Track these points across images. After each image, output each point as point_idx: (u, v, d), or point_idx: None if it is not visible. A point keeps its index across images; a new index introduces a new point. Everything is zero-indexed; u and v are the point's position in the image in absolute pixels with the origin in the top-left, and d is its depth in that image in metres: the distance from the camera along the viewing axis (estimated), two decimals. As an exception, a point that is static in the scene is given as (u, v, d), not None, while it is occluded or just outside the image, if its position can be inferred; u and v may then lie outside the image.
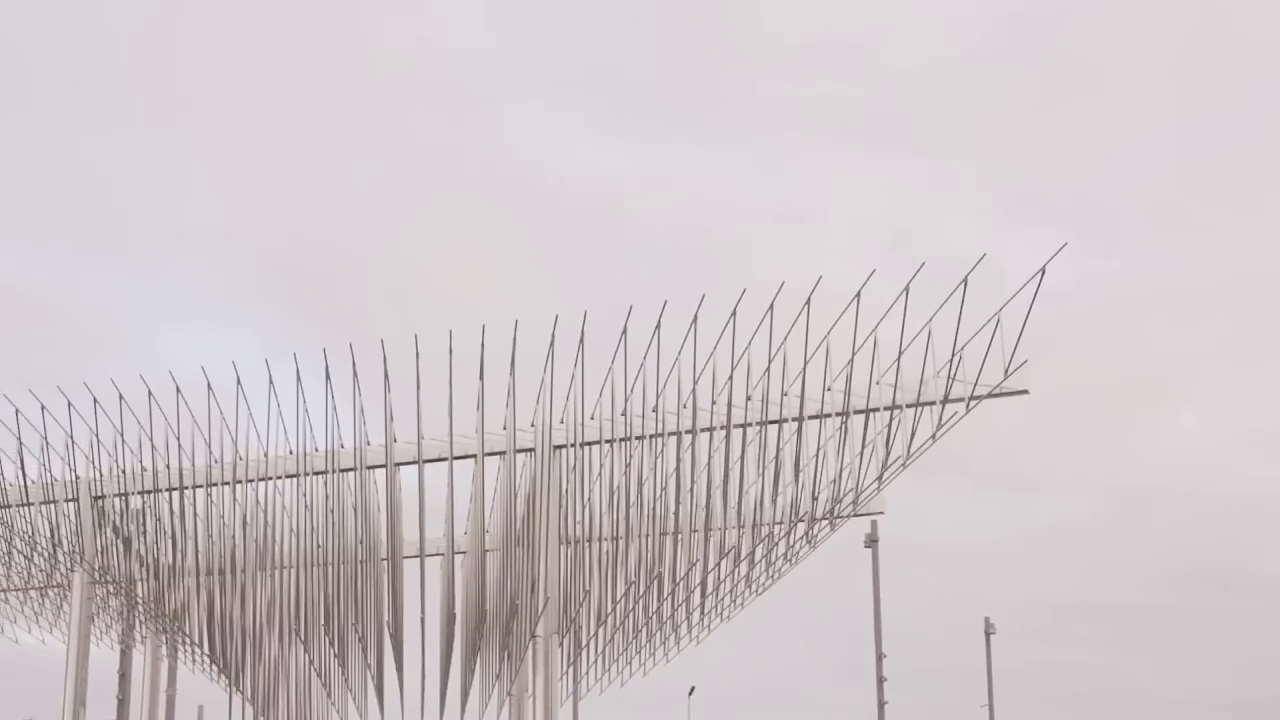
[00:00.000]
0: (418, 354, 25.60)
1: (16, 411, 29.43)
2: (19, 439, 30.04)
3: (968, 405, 23.86)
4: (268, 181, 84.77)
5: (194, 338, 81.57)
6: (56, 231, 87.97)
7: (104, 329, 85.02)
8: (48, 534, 32.81)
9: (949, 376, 23.57)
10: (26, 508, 32.38)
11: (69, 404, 29.09)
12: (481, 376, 25.90)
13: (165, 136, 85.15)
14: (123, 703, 41.32)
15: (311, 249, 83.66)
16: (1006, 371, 22.90)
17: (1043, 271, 21.33)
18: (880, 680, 42.54)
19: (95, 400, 28.80)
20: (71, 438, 29.96)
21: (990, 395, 23.73)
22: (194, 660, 38.37)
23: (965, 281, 21.97)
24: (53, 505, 32.22)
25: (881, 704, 42.38)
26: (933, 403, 24.14)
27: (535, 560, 27.64)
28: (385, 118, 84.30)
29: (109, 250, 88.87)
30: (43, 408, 29.13)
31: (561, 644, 29.05)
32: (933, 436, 24.40)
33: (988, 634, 51.83)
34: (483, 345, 25.38)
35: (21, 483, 31.52)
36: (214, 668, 35.05)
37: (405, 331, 25.56)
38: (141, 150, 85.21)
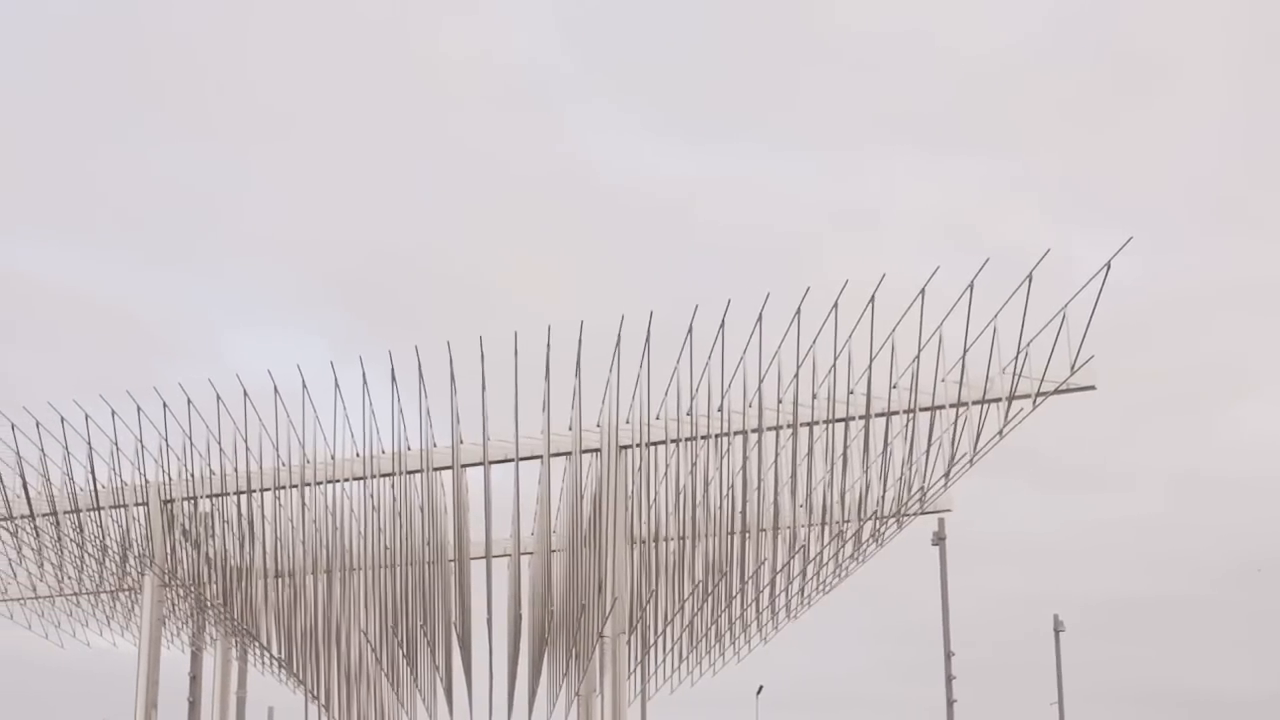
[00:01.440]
0: (483, 355, 25.64)
1: (86, 417, 29.59)
2: (89, 444, 30.21)
3: (1034, 401, 23.72)
4: (333, 188, 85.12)
5: (261, 342, 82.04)
6: (125, 240, 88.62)
7: (172, 335, 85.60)
8: (118, 538, 32.99)
9: (1015, 373, 23.44)
10: (97, 512, 32.56)
11: (138, 409, 29.26)
12: (547, 377, 25.91)
13: (231, 145, 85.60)
14: (194, 705, 41.53)
15: (377, 254, 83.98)
16: (1072, 367, 22.76)
17: (1108, 266, 21.19)
18: (949, 678, 42.27)
19: (164, 405, 28.97)
20: (141, 442, 30.14)
21: (1056, 391, 23.60)
22: (264, 662, 38.57)
23: (1030, 277, 21.84)
24: (123, 509, 32.39)
25: (950, 702, 42.12)
26: (999, 399, 24.02)
27: (602, 560, 27.65)
28: (448, 122, 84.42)
29: (177, 257, 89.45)
30: (113, 413, 29.31)
31: (629, 644, 29.05)
32: (999, 433, 24.27)
33: (1057, 631, 51.44)
34: (548, 346, 25.40)
35: (92, 487, 31.71)
36: (283, 670, 35.20)
37: (471, 334, 25.60)
38: (208, 159, 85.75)
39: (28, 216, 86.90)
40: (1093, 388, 23.81)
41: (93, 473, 31.16)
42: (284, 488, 30.21)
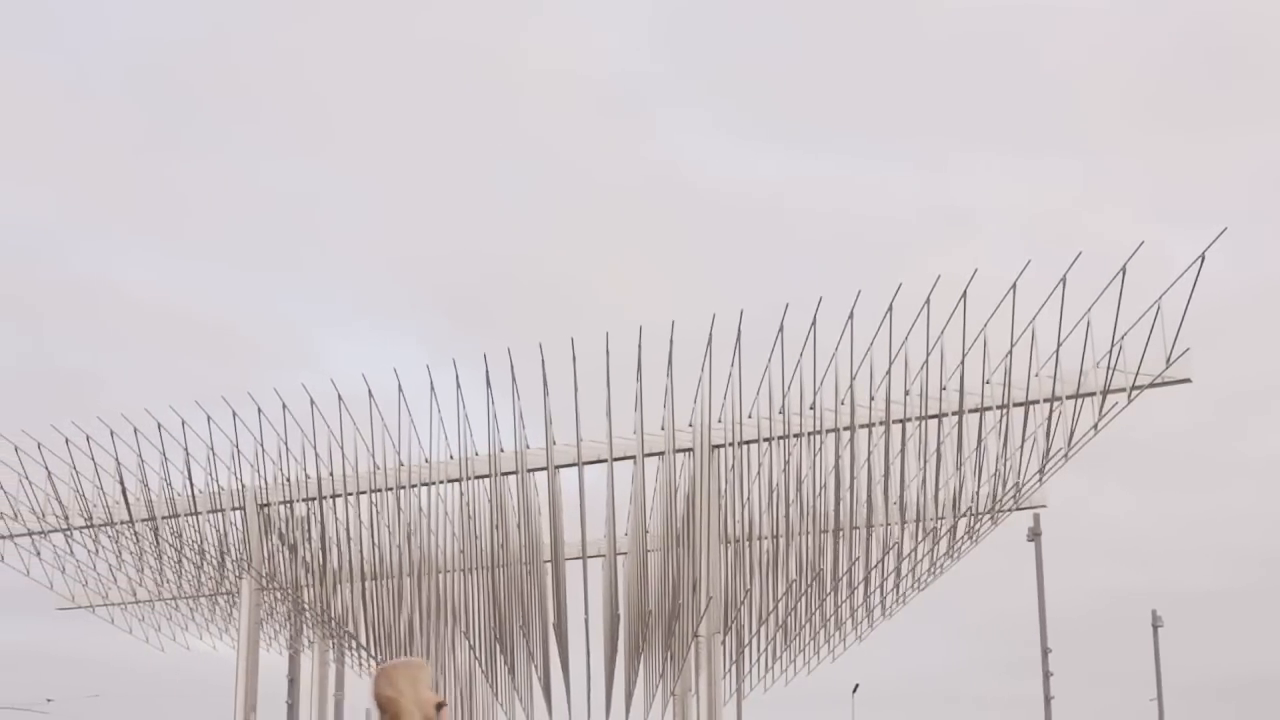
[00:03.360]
0: (574, 357, 25.73)
1: (183, 423, 29.89)
2: (186, 450, 30.53)
3: (1129, 395, 23.58)
4: (426, 196, 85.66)
5: (356, 348, 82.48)
6: (222, 250, 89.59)
7: (268, 342, 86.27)
8: (216, 542, 33.29)
9: (1109, 367, 23.29)
10: (195, 517, 32.87)
11: (234, 415, 29.54)
12: (639, 378, 25.96)
13: (326, 156, 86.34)
14: (292, 707, 41.85)
15: (470, 258, 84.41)
16: (1168, 360, 22.62)
17: (1202, 258, 21.05)
18: (1046, 675, 42.06)
19: (259, 410, 29.23)
20: (237, 447, 30.42)
21: (1152, 385, 23.45)
22: (361, 664, 38.82)
23: (1124, 269, 21.72)
24: (220, 514, 32.68)
25: (1048, 699, 41.91)
26: (1093, 393, 23.88)
27: (696, 560, 27.66)
28: (540, 127, 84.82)
29: (273, 266, 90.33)
30: (208, 418, 29.60)
31: (724, 643, 29.06)
32: (1094, 427, 24.13)
33: (1155, 626, 51.09)
34: (639, 346, 25.44)
35: (189, 492, 32.01)
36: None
37: (563, 337, 25.68)
38: (304, 170, 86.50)
39: (127, 228, 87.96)
40: (1188, 380, 23.65)
41: (190, 478, 31.49)
42: (379, 491, 30.40)
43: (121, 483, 31.45)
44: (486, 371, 26.92)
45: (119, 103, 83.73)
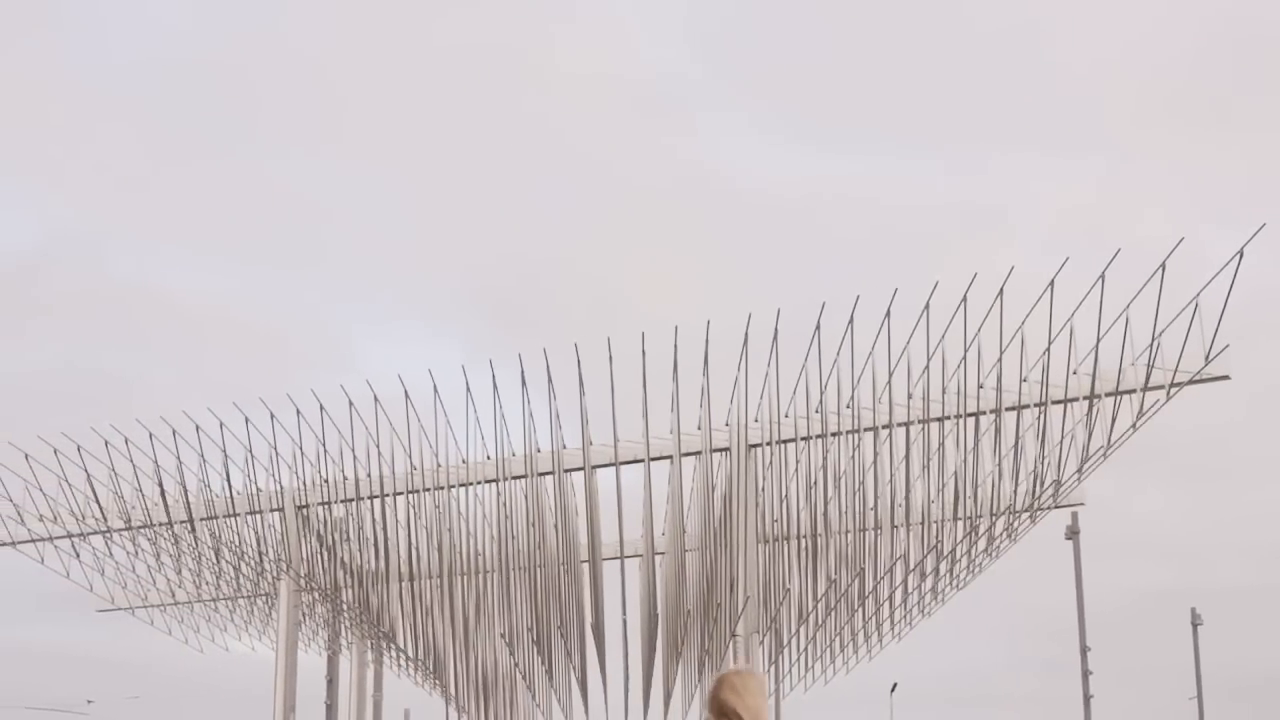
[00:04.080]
0: (610, 357, 25.73)
1: (221, 425, 29.96)
2: (224, 452, 30.60)
3: (1168, 392, 23.49)
4: (463, 199, 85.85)
5: (392, 349, 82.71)
6: (260, 253, 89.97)
7: (306, 345, 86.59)
8: (254, 543, 33.36)
9: (1148, 364, 23.20)
10: (233, 518, 32.95)
11: (272, 416, 29.59)
12: (676, 378, 25.94)
13: (363, 160, 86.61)
14: (330, 707, 41.96)
15: (507, 260, 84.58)
16: (1207, 357, 22.52)
17: (1240, 254, 20.94)
18: (1085, 674, 41.85)
19: (298, 412, 29.27)
20: (275, 449, 30.47)
21: (1191, 382, 23.34)
22: (399, 664, 38.90)
23: (1163, 266, 21.63)
24: (259, 515, 32.74)
25: (1087, 697, 41.70)
26: (1132, 391, 23.80)
27: (734, 559, 27.63)
28: (575, 129, 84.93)
29: (310, 268, 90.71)
30: (246, 421, 29.66)
31: (762, 642, 29.02)
32: (1133, 425, 24.05)
33: (1194, 625, 50.82)
34: (675, 347, 25.44)
35: (228, 494, 32.09)
36: (419, 671, 35.48)
37: (598, 338, 25.70)
38: (339, 173, 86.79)
39: (166, 233, 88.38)
40: (1227, 378, 23.53)
41: (228, 480, 31.57)
42: (416, 491, 30.42)
43: (160, 485, 31.54)
44: (522, 372, 26.95)
45: (157, 108, 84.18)
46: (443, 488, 30.20)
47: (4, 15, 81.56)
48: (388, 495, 30.61)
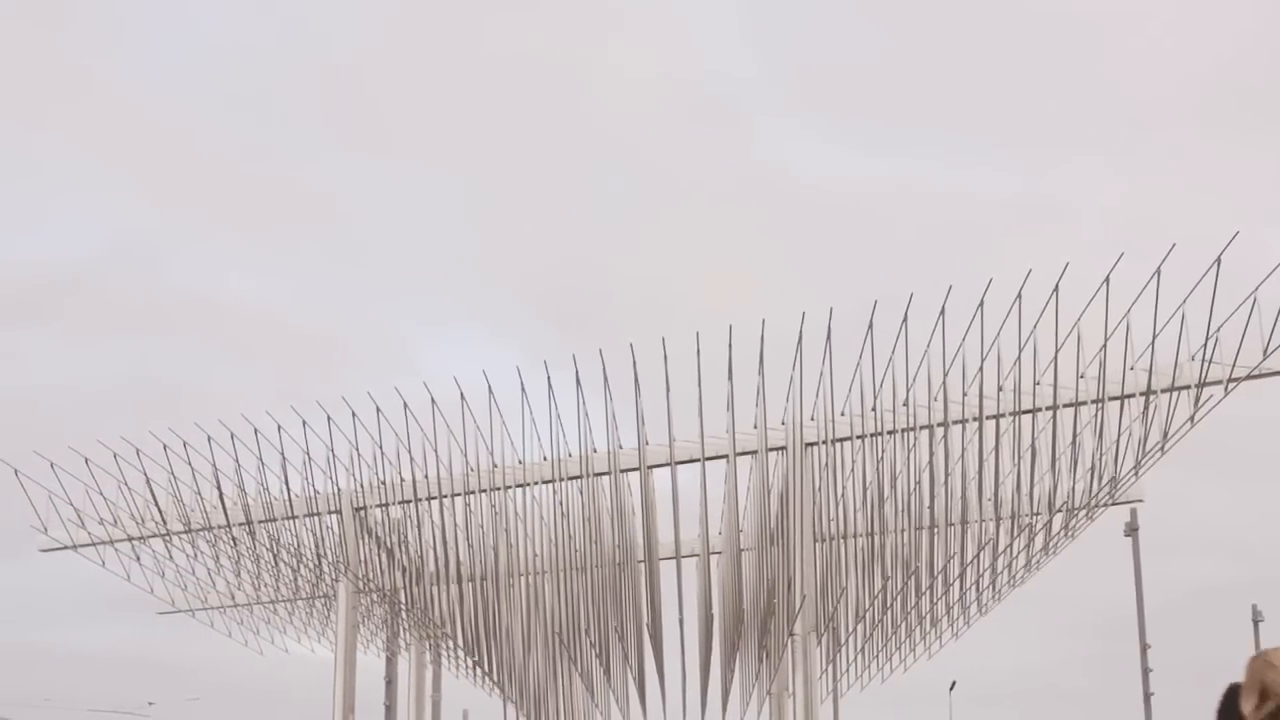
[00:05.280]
0: (665, 356, 25.76)
1: (279, 427, 30.07)
2: (282, 454, 30.69)
3: (1225, 387, 23.34)
4: (520, 199, 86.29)
5: (449, 351, 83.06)
6: (317, 258, 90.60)
7: (363, 347, 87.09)
8: (312, 546, 33.49)
9: (1205, 359, 23.07)
10: (291, 520, 33.08)
11: (328, 418, 29.68)
12: (730, 377, 25.94)
13: (418, 163, 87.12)
14: (390, 709, 42.12)
15: (562, 261, 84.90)
16: (1265, 351, 22.38)
17: (1301, 247, 20.81)
18: (1145, 671, 41.67)
19: (354, 414, 29.36)
20: (332, 451, 30.55)
21: (1249, 377, 23.20)
22: (458, 665, 39.01)
23: (1219, 260, 21.50)
24: (316, 517, 32.86)
25: (1147, 695, 41.52)
26: (1189, 386, 23.66)
27: (790, 558, 27.60)
28: (634, 132, 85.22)
29: (366, 272, 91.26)
30: (304, 423, 29.76)
31: (820, 641, 29.00)
32: (1190, 420, 23.92)
33: (1255, 621, 50.49)
34: (730, 346, 25.44)
35: (286, 496, 32.22)
36: (478, 672, 35.56)
37: (653, 337, 25.72)
38: (395, 178, 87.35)
39: (225, 239, 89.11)
40: (1286, 371, 23.40)
41: (286, 482, 31.67)
42: (473, 493, 30.49)
43: (219, 488, 31.69)
44: (576, 372, 26.99)
45: (216, 115, 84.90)
46: (499, 489, 30.25)
47: (66, 29, 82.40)
48: (445, 497, 30.69)
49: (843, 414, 26.67)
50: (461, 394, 28.18)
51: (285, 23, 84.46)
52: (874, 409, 25.94)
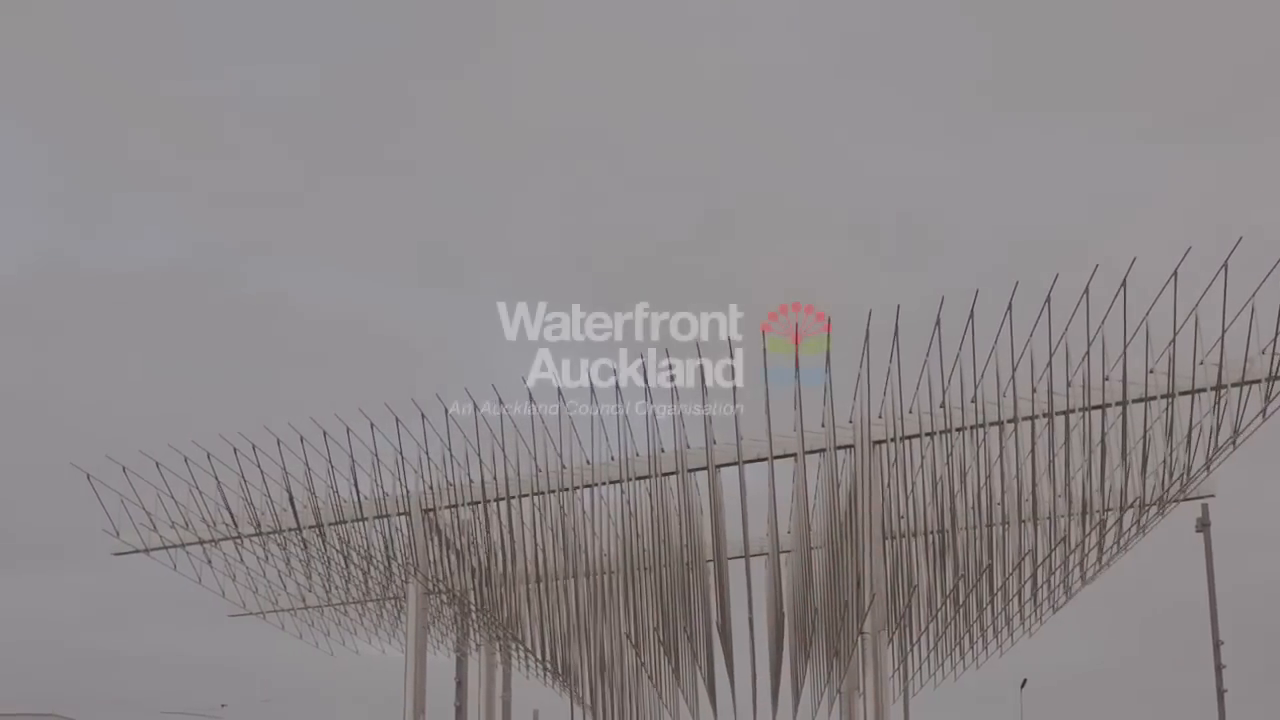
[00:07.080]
0: (732, 354, 25.75)
1: (348, 431, 30.19)
2: (351, 457, 30.82)
3: (1297, 381, 23.19)
4: (585, 200, 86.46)
5: (516, 354, 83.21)
6: (386, 260, 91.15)
7: (432, 350, 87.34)
8: (382, 548, 33.60)
9: (1274, 353, 22.89)
10: (361, 523, 33.20)
11: (397, 421, 29.77)
12: (798, 375, 25.88)
13: (493, 164, 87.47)
14: (460, 709, 42.26)
15: (631, 262, 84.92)
16: (1336, 344, 22.22)
17: (1372, 238, 20.63)
18: (1218, 667, 41.37)
19: (423, 416, 29.45)
20: (401, 454, 30.65)
21: (1320, 369, 23.04)
22: (528, 665, 39.07)
23: (1287, 253, 21.38)
24: (386, 519, 32.97)
25: (1220, 692, 41.23)
26: (1259, 380, 23.50)
27: (860, 556, 27.50)
28: (713, 130, 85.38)
29: (435, 273, 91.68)
30: (372, 426, 29.85)
31: (891, 640, 28.90)
32: (1262, 414, 23.77)
33: (1330, 617, 50.17)
34: (796, 345, 25.38)
35: (355, 499, 32.35)
36: (548, 672, 35.63)
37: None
38: (462, 182, 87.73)
39: (298, 246, 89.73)
40: (1355, 363, 23.19)
41: (356, 485, 31.81)
42: (541, 493, 30.52)
43: (289, 491, 31.87)
44: (644, 372, 27.00)
45: (288, 125, 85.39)
46: (567, 489, 30.28)
47: (148, 40, 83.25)
48: (513, 497, 30.74)
49: (911, 411, 26.58)
50: (530, 396, 28.26)
51: (358, 33, 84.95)
52: (942, 405, 25.85)
